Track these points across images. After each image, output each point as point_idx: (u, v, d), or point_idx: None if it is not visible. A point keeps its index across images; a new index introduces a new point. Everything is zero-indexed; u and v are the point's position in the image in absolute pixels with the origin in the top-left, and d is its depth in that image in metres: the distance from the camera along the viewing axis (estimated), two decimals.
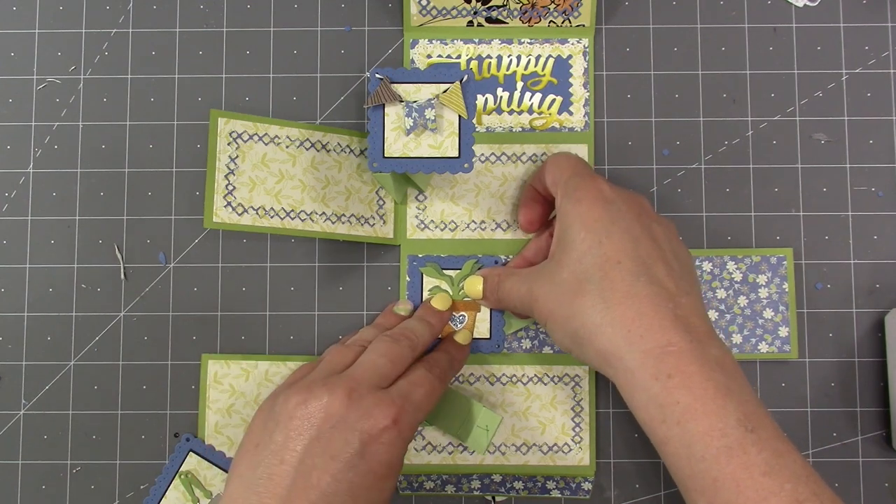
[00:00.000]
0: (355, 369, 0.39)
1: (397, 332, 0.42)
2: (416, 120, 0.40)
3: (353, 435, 0.36)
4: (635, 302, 0.36)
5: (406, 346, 0.41)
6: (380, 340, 0.41)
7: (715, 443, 0.33)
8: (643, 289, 0.36)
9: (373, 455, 0.36)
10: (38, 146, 0.48)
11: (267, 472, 0.36)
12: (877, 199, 0.47)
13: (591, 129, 0.47)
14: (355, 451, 0.36)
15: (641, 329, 0.35)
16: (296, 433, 0.36)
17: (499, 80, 0.48)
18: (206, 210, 0.43)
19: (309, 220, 0.45)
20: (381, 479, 0.36)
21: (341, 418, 0.36)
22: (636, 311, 0.36)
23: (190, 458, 0.45)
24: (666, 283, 0.37)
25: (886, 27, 0.48)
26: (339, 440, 0.36)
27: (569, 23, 0.47)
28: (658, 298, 0.36)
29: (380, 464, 0.36)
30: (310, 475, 0.35)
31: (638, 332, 0.35)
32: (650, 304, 0.36)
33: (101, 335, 0.47)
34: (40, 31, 0.49)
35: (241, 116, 0.45)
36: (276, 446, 0.36)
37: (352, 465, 0.36)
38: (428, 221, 0.47)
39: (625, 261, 0.37)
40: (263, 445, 0.37)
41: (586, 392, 0.46)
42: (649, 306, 0.36)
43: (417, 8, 0.47)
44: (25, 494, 0.46)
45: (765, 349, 0.46)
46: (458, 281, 0.46)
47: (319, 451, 0.36)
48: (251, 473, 0.36)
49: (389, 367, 0.39)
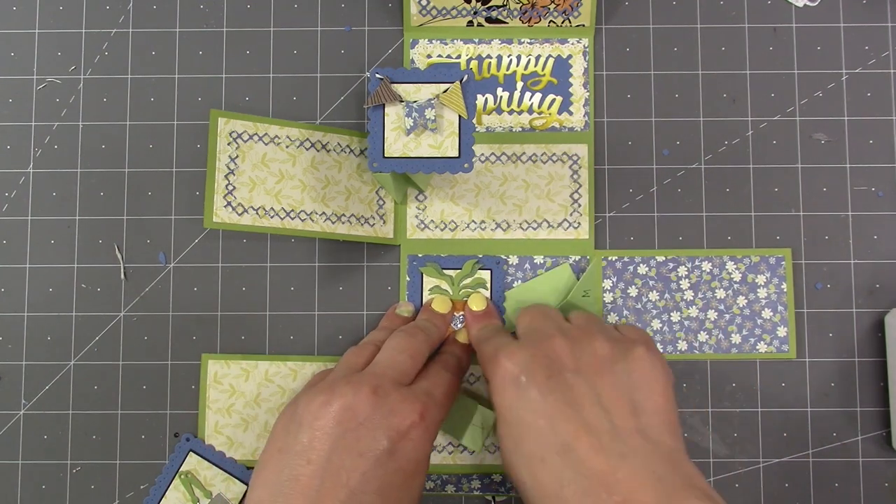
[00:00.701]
0: (376, 366, 0.38)
1: (411, 327, 0.42)
2: (416, 120, 0.40)
3: (381, 432, 0.35)
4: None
5: (422, 339, 0.41)
6: (396, 336, 0.41)
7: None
8: (571, 491, 0.33)
9: (401, 452, 0.36)
10: (38, 146, 0.48)
11: (293, 473, 0.35)
12: (877, 199, 0.47)
13: (591, 128, 0.47)
14: (384, 448, 0.35)
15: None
16: (322, 433, 0.35)
17: (499, 80, 0.48)
18: (206, 210, 0.43)
19: (309, 220, 0.45)
20: (410, 476, 0.36)
21: (368, 416, 0.36)
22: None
23: (190, 458, 0.46)
24: (594, 463, 0.33)
25: (886, 27, 0.48)
26: (367, 438, 0.35)
27: (569, 23, 0.47)
28: (589, 497, 0.33)
29: (408, 461, 0.36)
30: (338, 474, 0.34)
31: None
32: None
33: (101, 335, 0.47)
34: (40, 31, 0.49)
35: (241, 116, 0.45)
36: (302, 447, 0.35)
37: (381, 463, 0.35)
38: (428, 221, 0.47)
39: (547, 457, 0.35)
40: (288, 448, 0.36)
41: None
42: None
43: (417, 8, 0.47)
44: (25, 494, 0.46)
45: (763, 349, 0.46)
46: (458, 281, 0.46)
47: (347, 449, 0.35)
48: (276, 477, 0.35)
49: (410, 363, 0.39)
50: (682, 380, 0.46)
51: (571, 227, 0.47)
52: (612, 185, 0.47)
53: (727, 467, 0.46)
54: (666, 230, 0.47)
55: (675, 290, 0.46)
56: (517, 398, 0.36)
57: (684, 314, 0.46)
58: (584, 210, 0.47)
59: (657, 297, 0.46)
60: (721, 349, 0.46)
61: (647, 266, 0.46)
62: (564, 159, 0.47)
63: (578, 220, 0.47)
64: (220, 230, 0.47)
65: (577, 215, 0.47)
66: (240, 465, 0.46)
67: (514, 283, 0.46)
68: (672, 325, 0.46)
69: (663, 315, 0.46)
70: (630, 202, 0.47)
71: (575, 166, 0.47)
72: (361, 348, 0.41)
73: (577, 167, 0.47)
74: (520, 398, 0.36)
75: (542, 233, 0.47)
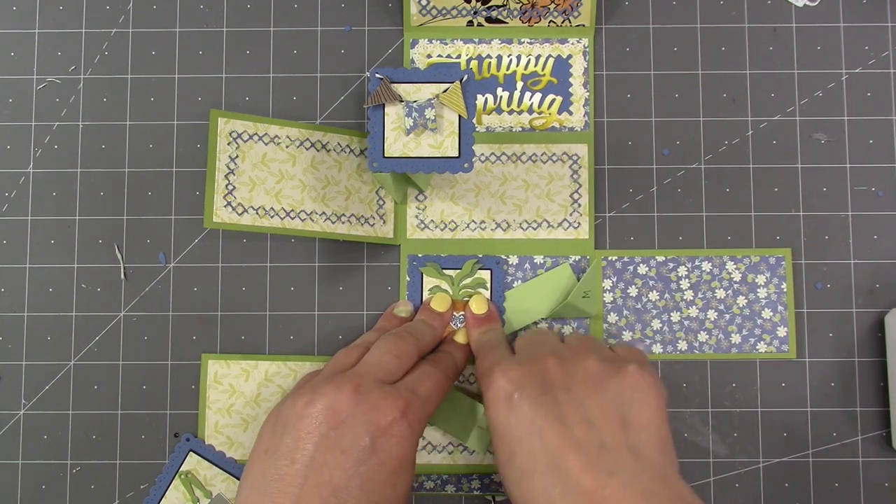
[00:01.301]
0: (360, 366, 0.39)
1: (401, 329, 0.42)
2: (416, 120, 0.40)
3: (362, 429, 0.36)
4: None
5: (410, 342, 0.41)
6: (384, 338, 0.41)
7: None
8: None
9: (383, 448, 0.36)
10: (38, 146, 0.48)
11: (278, 473, 0.35)
12: (877, 199, 0.47)
13: (591, 128, 0.47)
14: (365, 445, 0.36)
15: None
16: (305, 433, 0.36)
17: (499, 80, 0.48)
18: (206, 210, 0.43)
19: (309, 220, 0.45)
20: (394, 473, 0.36)
21: (350, 414, 0.36)
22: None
23: (190, 457, 0.46)
24: (582, 480, 0.34)
25: (886, 27, 0.48)
26: (349, 435, 0.36)
27: (569, 23, 0.47)
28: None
29: (391, 457, 0.36)
30: (321, 472, 0.35)
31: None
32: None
33: (101, 335, 0.47)
34: (40, 31, 0.49)
35: (241, 116, 0.45)
36: (287, 448, 0.36)
37: (363, 460, 0.35)
38: (428, 221, 0.47)
39: (537, 472, 0.35)
40: (273, 449, 0.37)
41: None
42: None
43: (417, 8, 0.47)
44: (25, 494, 0.46)
45: (763, 349, 0.46)
46: (458, 281, 0.46)
47: (330, 447, 0.35)
48: (262, 478, 0.36)
49: (395, 363, 0.39)
50: (682, 380, 0.46)
51: (571, 227, 0.47)
52: (612, 185, 0.47)
53: (727, 467, 0.46)
54: (666, 230, 0.47)
55: (675, 290, 0.46)
56: (510, 414, 0.37)
57: (684, 314, 0.46)
58: (584, 210, 0.47)
59: (657, 297, 0.46)
60: (721, 349, 0.46)
61: (647, 266, 0.46)
62: (564, 159, 0.47)
63: (578, 220, 0.47)
64: (220, 230, 0.47)
65: (577, 215, 0.47)
66: (240, 465, 0.46)
67: (515, 283, 0.46)
68: (672, 325, 0.46)
69: (663, 315, 0.46)
70: (630, 202, 0.47)
71: (575, 166, 0.47)
72: (351, 350, 0.41)
73: (577, 167, 0.47)
74: (512, 414, 0.37)
75: (542, 233, 0.47)
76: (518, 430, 0.36)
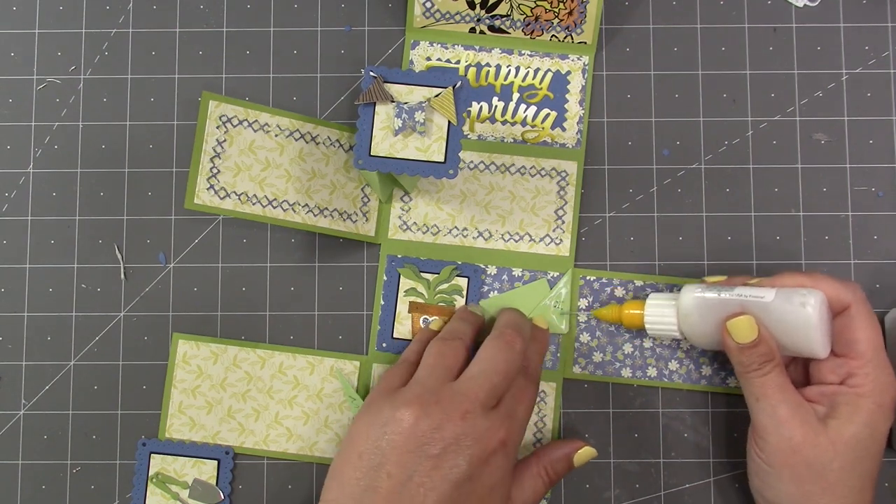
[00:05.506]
0: (470, 386, 0.38)
1: (509, 337, 0.40)
2: (405, 121, 0.40)
3: (463, 458, 0.36)
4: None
5: (518, 354, 0.40)
6: (494, 348, 0.39)
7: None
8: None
9: (480, 478, 0.37)
10: (38, 146, 0.48)
11: (372, 483, 0.36)
12: (877, 199, 0.47)
13: (582, 146, 0.47)
14: (464, 473, 0.36)
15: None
16: (406, 450, 0.36)
17: (495, 90, 0.47)
18: (188, 191, 0.43)
19: (291, 210, 0.45)
20: (482, 499, 0.37)
21: (454, 440, 0.36)
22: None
23: (154, 459, 0.45)
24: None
25: (886, 27, 0.48)
26: (450, 462, 0.36)
27: (571, 39, 0.47)
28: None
29: (484, 486, 0.37)
30: (416, 493, 0.35)
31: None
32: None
33: (101, 335, 0.47)
34: (40, 31, 0.49)
35: (232, 101, 0.44)
36: (384, 459, 0.36)
37: (458, 486, 0.36)
38: (411, 223, 0.47)
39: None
40: (369, 457, 0.37)
41: (551, 409, 0.46)
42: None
43: (421, 10, 0.47)
44: (25, 494, 0.46)
45: (734, 383, 0.45)
46: (434, 285, 0.46)
47: (429, 470, 0.36)
48: (355, 484, 0.36)
49: (504, 385, 0.39)
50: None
51: (553, 242, 0.46)
52: (612, 185, 0.47)
53: (727, 467, 0.46)
54: (666, 230, 0.47)
55: None
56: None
57: (657, 341, 0.46)
58: (568, 227, 0.47)
59: None
60: (690, 380, 0.46)
61: (625, 289, 0.46)
62: (553, 175, 0.47)
63: (560, 237, 0.46)
64: (220, 231, 0.47)
65: (559, 231, 0.47)
66: (203, 446, 0.45)
67: (490, 293, 0.46)
68: (644, 350, 0.46)
69: (635, 340, 0.46)
70: (630, 202, 0.47)
71: (563, 182, 0.47)
72: (448, 346, 0.40)
73: (565, 184, 0.47)
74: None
75: (524, 246, 0.47)
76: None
